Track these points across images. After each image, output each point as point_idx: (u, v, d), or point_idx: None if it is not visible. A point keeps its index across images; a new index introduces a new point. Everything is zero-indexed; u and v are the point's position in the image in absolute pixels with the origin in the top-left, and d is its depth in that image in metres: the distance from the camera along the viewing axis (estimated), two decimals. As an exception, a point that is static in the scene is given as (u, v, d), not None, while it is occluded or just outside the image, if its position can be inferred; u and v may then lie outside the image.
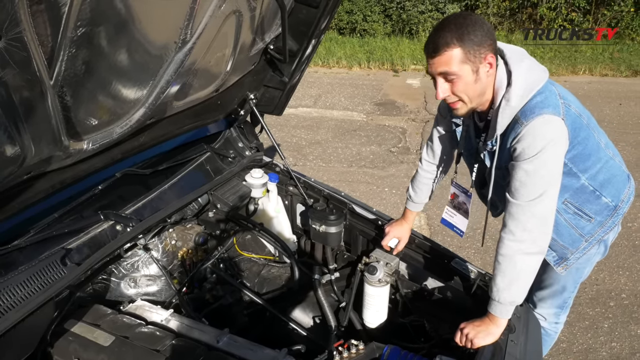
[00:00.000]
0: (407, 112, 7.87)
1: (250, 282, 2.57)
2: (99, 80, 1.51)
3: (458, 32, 1.64)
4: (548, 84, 1.78)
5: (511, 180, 1.75)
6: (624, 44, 11.31)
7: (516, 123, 1.73)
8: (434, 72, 1.73)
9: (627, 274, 3.99)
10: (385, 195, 5.25)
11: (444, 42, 1.65)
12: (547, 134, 1.67)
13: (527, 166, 1.69)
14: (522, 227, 1.73)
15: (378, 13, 12.71)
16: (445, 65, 1.68)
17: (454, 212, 2.35)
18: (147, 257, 2.27)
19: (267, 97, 2.68)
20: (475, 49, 1.65)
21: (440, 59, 1.67)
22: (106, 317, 1.93)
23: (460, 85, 1.72)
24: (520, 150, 1.70)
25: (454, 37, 1.64)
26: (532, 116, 1.68)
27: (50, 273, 1.66)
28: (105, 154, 1.87)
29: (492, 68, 1.72)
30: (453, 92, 1.75)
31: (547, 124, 1.68)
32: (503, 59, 1.79)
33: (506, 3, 12.63)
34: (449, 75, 1.70)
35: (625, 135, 6.71)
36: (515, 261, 1.75)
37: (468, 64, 1.67)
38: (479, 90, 1.75)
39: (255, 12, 1.95)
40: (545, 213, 1.73)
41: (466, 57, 1.66)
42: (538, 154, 1.66)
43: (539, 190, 1.69)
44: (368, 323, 2.32)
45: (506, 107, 1.74)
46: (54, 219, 1.85)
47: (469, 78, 1.70)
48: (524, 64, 1.76)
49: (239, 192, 2.49)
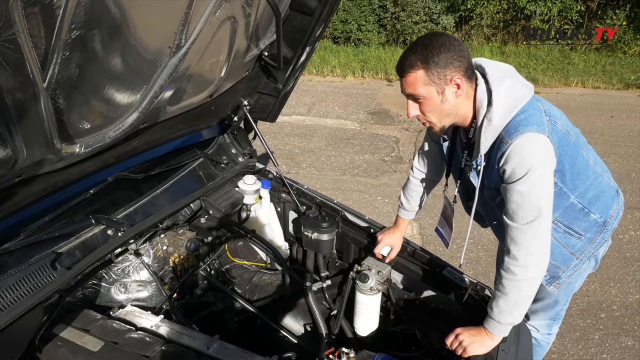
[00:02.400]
0: (401, 122, 7.89)
1: (242, 288, 2.56)
2: (92, 83, 1.51)
3: (423, 54, 1.68)
4: (533, 100, 1.77)
5: (507, 204, 1.75)
6: (615, 57, 11.42)
7: (501, 142, 1.73)
8: (403, 93, 1.80)
9: (617, 286, 4.01)
10: (378, 204, 5.26)
11: (409, 64, 1.71)
12: (533, 153, 1.67)
13: (520, 187, 1.69)
14: (525, 250, 1.73)
15: (372, 23, 12.77)
16: (411, 86, 1.73)
17: (444, 222, 2.36)
18: (138, 263, 2.25)
19: (261, 104, 2.68)
20: (440, 71, 1.68)
21: (406, 80, 1.74)
22: (96, 322, 1.91)
23: (427, 106, 1.77)
24: (509, 171, 1.70)
25: (418, 60, 1.68)
26: (515, 134, 1.68)
27: (40, 277, 1.65)
28: (98, 157, 1.86)
29: (459, 89, 1.73)
30: (422, 112, 1.80)
31: (531, 142, 1.68)
32: (484, 77, 1.79)
33: (500, 15, 12.74)
34: (415, 96, 1.76)
35: (617, 147, 6.76)
36: (520, 287, 1.75)
37: (432, 86, 1.71)
38: (446, 111, 1.78)
39: (250, 18, 1.95)
40: (544, 234, 1.74)
41: (429, 79, 1.70)
42: (528, 174, 1.67)
43: (535, 210, 1.69)
44: (359, 331, 2.31)
45: (488, 127, 1.74)
46: (44, 222, 1.84)
47: (436, 99, 1.74)
48: (505, 83, 1.75)
49: (232, 199, 2.48)
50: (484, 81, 1.78)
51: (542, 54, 11.37)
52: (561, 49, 11.75)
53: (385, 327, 2.34)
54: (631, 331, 3.52)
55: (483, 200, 1.99)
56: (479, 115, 1.77)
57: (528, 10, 11.98)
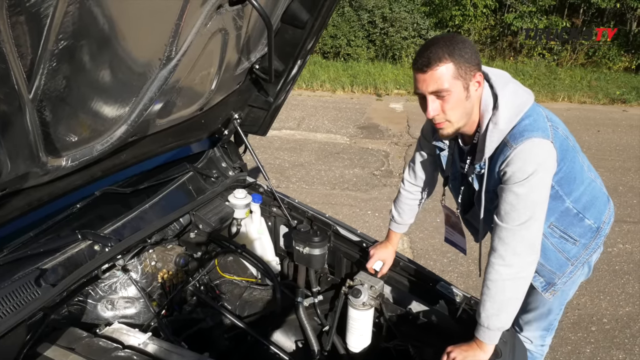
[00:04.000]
0: (390, 136, 7.92)
1: (232, 305, 2.52)
2: (79, 95, 1.47)
3: (449, 48, 1.63)
4: (535, 106, 1.79)
5: (500, 204, 1.75)
6: (601, 72, 11.62)
7: (505, 146, 1.72)
8: (425, 90, 1.69)
9: (607, 299, 4.01)
10: (369, 218, 5.24)
11: (436, 56, 1.63)
12: (537, 158, 1.67)
13: (518, 189, 1.68)
14: (512, 251, 1.72)
15: (362, 38, 12.88)
16: (438, 80, 1.65)
17: (453, 230, 2.35)
18: (126, 279, 2.21)
19: (251, 117, 2.66)
20: (466, 65, 1.65)
21: (432, 74, 1.64)
22: (81, 340, 1.85)
23: (451, 102, 1.69)
24: (510, 173, 1.70)
25: (446, 53, 1.63)
26: (521, 139, 1.68)
27: (24, 294, 1.60)
28: (85, 171, 1.81)
29: (480, 87, 1.73)
30: (443, 110, 1.71)
31: (536, 148, 1.68)
32: (488, 82, 1.79)
33: (487, 31, 12.92)
34: (441, 92, 1.67)
35: (604, 161, 6.83)
36: (505, 287, 1.74)
37: (459, 80, 1.66)
38: (468, 109, 1.74)
39: (241, 31, 1.94)
40: (535, 237, 1.73)
41: (458, 73, 1.65)
42: (529, 177, 1.66)
43: (528, 213, 1.69)
44: (352, 347, 2.28)
45: (494, 130, 1.73)
46: (29, 238, 1.79)
47: (461, 95, 1.68)
48: (509, 88, 1.76)
49: (222, 213, 2.45)
50: (489, 85, 1.78)
51: (529, 69, 11.54)
52: (547, 65, 11.94)
53: (378, 343, 2.31)
54: (622, 344, 3.52)
55: (485, 208, 1.98)
56: (484, 119, 1.77)
57: (515, 26, 12.16)
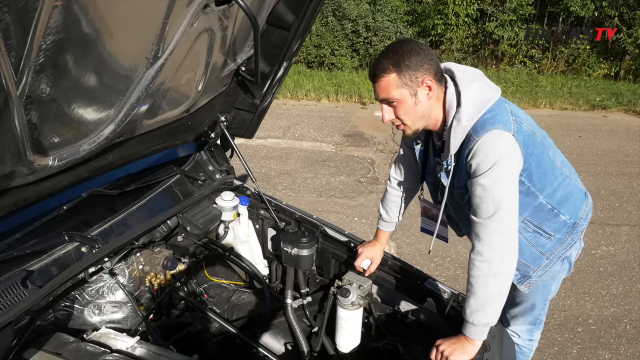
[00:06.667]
0: (376, 144, 7.96)
1: (220, 308, 2.51)
2: (67, 93, 1.47)
3: (394, 58, 1.74)
4: (500, 102, 1.84)
5: (471, 199, 1.79)
6: (581, 79, 11.82)
7: (469, 140, 1.78)
8: (377, 98, 1.85)
9: (592, 300, 4.06)
10: (355, 224, 5.25)
11: (381, 68, 1.76)
12: (498, 149, 1.72)
13: (483, 181, 1.73)
14: (489, 246, 1.75)
15: (346, 47, 12.96)
16: (385, 90, 1.78)
17: (431, 222, 2.37)
18: (113, 283, 2.19)
19: (238, 120, 2.67)
20: (411, 73, 1.74)
21: (379, 84, 1.79)
22: (68, 345, 1.83)
23: (401, 109, 1.81)
24: (475, 166, 1.75)
25: (390, 64, 1.74)
26: (482, 131, 1.74)
27: (10, 295, 1.57)
28: (72, 171, 1.80)
29: (431, 91, 1.80)
30: (396, 115, 1.84)
31: (496, 139, 1.73)
32: (453, 80, 1.85)
33: (469, 40, 13.09)
34: (389, 100, 1.80)
35: (586, 165, 6.93)
36: (486, 282, 1.76)
37: (405, 88, 1.76)
38: (420, 113, 1.83)
39: (227, 31, 1.95)
40: (508, 230, 1.76)
41: (402, 82, 1.75)
42: (492, 168, 1.71)
43: (497, 205, 1.72)
44: (341, 348, 2.27)
45: (457, 127, 1.79)
46: (15, 239, 1.76)
47: (409, 102, 1.79)
48: (473, 85, 1.81)
49: (209, 215, 2.44)
50: (453, 84, 1.84)
51: (511, 77, 11.70)
52: (529, 72, 12.12)
53: (368, 343, 2.30)
54: (608, 344, 3.55)
55: (453, 201, 2.03)
56: (449, 116, 1.82)
57: (496, 35, 12.33)
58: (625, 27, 11.64)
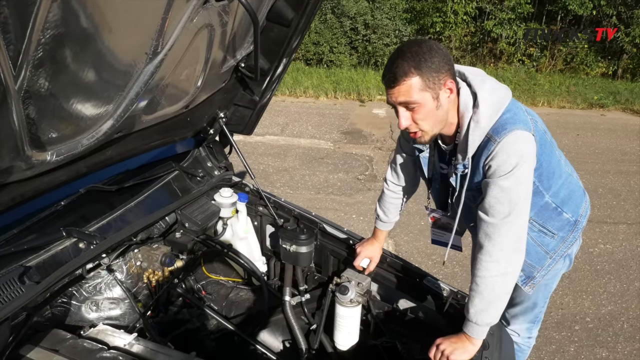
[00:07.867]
0: (374, 141, 7.96)
1: (218, 305, 2.50)
2: (66, 88, 1.45)
3: (415, 60, 1.62)
4: (514, 100, 1.80)
5: (485, 198, 1.74)
6: (579, 78, 11.85)
7: (488, 141, 1.72)
8: (394, 102, 1.71)
9: (590, 298, 4.07)
10: (353, 222, 5.24)
11: (402, 71, 1.63)
12: (519, 150, 1.68)
13: (503, 183, 1.68)
14: (499, 246, 1.72)
15: (344, 45, 12.96)
16: (406, 94, 1.65)
17: (442, 232, 2.29)
18: (111, 279, 2.17)
19: (237, 116, 2.65)
20: (434, 75, 1.64)
21: (399, 88, 1.65)
22: (65, 341, 1.82)
23: (422, 113, 1.70)
24: (495, 167, 1.70)
25: (412, 66, 1.62)
26: (504, 132, 1.69)
27: (7, 291, 1.56)
28: (70, 167, 1.78)
29: (452, 93, 1.72)
30: (415, 120, 1.72)
31: (519, 140, 1.69)
32: (465, 81, 1.79)
33: (467, 38, 13.09)
34: (410, 104, 1.68)
35: (584, 164, 6.95)
36: (494, 283, 1.73)
37: (428, 92, 1.65)
38: (440, 117, 1.74)
39: (227, 27, 1.93)
40: (520, 230, 1.73)
41: (425, 85, 1.64)
42: (513, 170, 1.67)
43: (513, 206, 1.69)
44: (339, 345, 2.27)
45: (476, 129, 1.72)
46: (12, 234, 1.76)
47: (431, 105, 1.68)
48: (487, 85, 1.76)
49: (208, 211, 2.43)
50: (466, 84, 1.78)
51: (509, 75, 11.71)
52: (527, 71, 12.14)
53: (366, 341, 2.30)
54: (605, 342, 3.56)
55: (466, 206, 1.96)
56: (464, 118, 1.75)
57: (495, 33, 12.34)
58: (623, 26, 11.67)
